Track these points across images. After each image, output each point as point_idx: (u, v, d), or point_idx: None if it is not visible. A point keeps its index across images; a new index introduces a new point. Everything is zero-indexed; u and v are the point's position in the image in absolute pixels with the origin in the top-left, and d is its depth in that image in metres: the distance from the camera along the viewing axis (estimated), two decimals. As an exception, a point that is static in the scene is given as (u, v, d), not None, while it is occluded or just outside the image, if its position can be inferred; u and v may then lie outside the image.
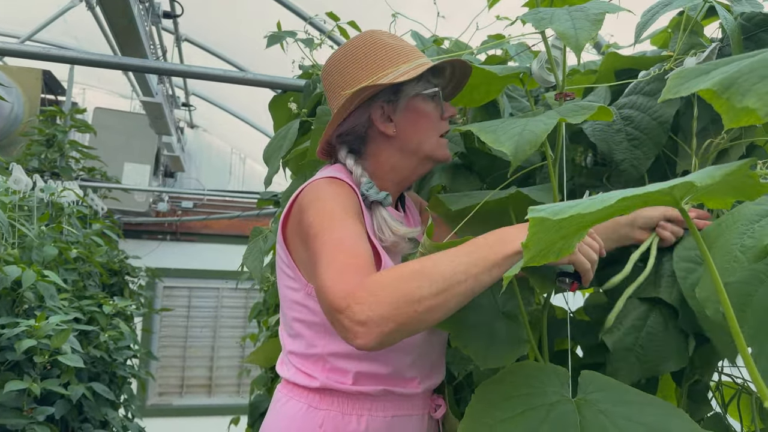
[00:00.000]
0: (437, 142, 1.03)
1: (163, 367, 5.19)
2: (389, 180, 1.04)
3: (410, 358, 0.98)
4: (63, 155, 3.40)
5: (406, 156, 1.03)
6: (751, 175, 0.57)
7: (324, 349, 0.96)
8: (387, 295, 0.70)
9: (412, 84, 1.00)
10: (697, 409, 1.01)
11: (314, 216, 0.88)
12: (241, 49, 4.29)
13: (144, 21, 2.25)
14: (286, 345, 1.05)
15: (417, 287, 0.70)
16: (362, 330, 0.70)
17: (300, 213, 0.94)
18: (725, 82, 0.47)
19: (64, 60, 1.63)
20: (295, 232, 0.96)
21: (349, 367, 0.95)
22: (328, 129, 1.03)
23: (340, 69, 1.02)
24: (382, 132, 1.01)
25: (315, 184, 0.96)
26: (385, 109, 1.01)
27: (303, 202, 0.94)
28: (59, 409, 1.86)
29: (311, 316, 0.97)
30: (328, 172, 1.00)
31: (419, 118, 1.02)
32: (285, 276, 1.01)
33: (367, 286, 0.72)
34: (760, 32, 0.91)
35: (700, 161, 0.94)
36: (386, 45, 1.01)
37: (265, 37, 1.57)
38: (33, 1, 3.86)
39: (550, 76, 1.00)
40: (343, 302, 0.72)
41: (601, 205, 0.48)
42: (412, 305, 0.70)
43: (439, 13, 1.52)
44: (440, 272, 0.72)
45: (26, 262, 2.00)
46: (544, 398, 0.73)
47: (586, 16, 0.86)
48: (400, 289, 0.70)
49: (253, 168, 6.13)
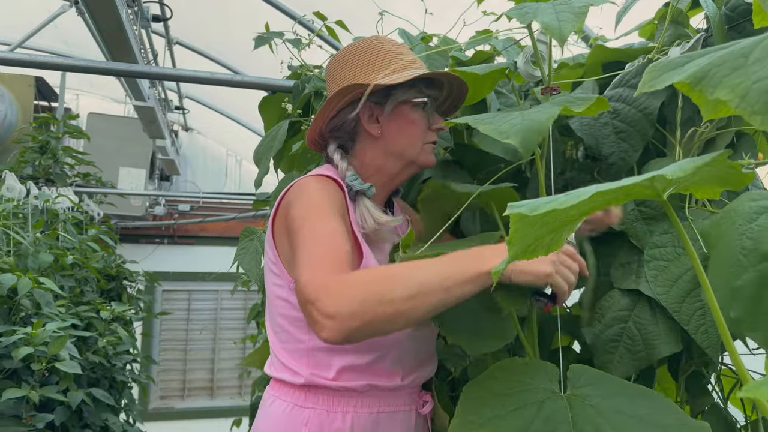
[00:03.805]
0: (422, 149, 1.04)
1: (164, 370, 5.19)
2: (375, 180, 1.06)
3: (392, 352, 0.99)
4: (57, 162, 3.39)
5: (391, 159, 1.05)
6: (733, 166, 0.57)
7: (307, 344, 0.98)
8: (358, 293, 0.73)
9: (403, 90, 1.01)
10: (697, 401, 1.01)
11: (298, 210, 0.91)
12: (233, 51, 4.27)
13: (133, 25, 2.25)
14: (272, 343, 1.06)
15: (389, 289, 0.72)
16: (330, 323, 0.72)
17: (287, 208, 0.96)
18: (698, 74, 0.47)
19: (51, 67, 1.63)
20: (282, 228, 0.98)
21: (332, 362, 0.96)
22: (317, 121, 1.05)
23: (339, 68, 1.05)
24: (369, 132, 1.03)
25: (302, 181, 0.98)
26: (374, 111, 1.03)
27: (290, 198, 0.96)
28: (59, 416, 1.86)
29: (294, 311, 0.98)
30: (316, 170, 1.03)
31: (406, 124, 1.03)
32: (271, 273, 1.03)
33: (341, 281, 0.75)
34: (744, 22, 0.90)
35: (684, 151, 0.94)
36: (387, 51, 1.03)
37: (254, 39, 1.57)
38: (23, 7, 3.85)
39: (536, 70, 1.00)
40: (314, 294, 0.74)
41: (576, 199, 0.48)
42: (382, 306, 0.72)
43: (427, 10, 1.52)
44: (415, 278, 0.74)
45: (22, 270, 1.99)
46: (535, 395, 0.73)
47: (570, 8, 0.87)
48: (372, 289, 0.73)
49: (249, 170, 6.12)
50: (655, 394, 0.74)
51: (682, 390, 1.01)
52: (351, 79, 1.01)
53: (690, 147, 0.95)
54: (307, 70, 1.54)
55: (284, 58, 1.64)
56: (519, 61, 1.02)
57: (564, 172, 1.17)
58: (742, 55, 0.42)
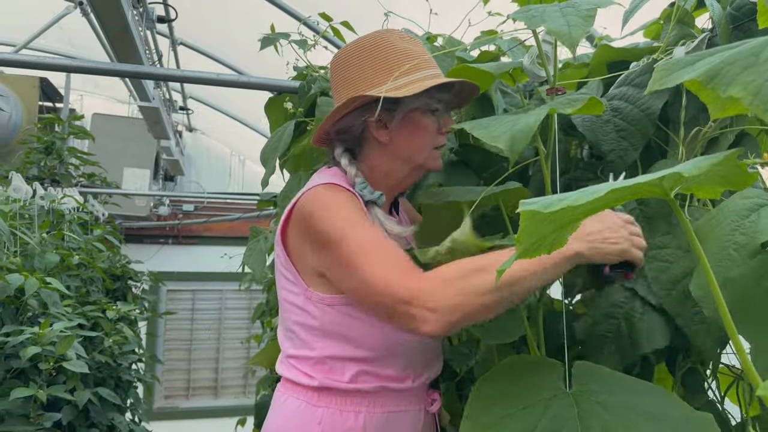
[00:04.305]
0: (430, 154, 1.04)
1: (168, 370, 5.21)
2: (383, 185, 1.05)
3: (404, 356, 1.00)
4: (62, 162, 3.41)
5: (398, 164, 1.04)
6: (740, 165, 0.57)
7: (322, 352, 0.98)
8: (457, 288, 0.76)
9: (414, 96, 0.98)
10: (692, 398, 1.01)
11: (330, 224, 0.90)
12: (237, 52, 4.28)
13: (138, 26, 2.26)
14: (284, 347, 1.06)
15: (485, 281, 0.76)
16: (433, 317, 0.76)
17: (305, 220, 0.94)
18: (710, 72, 0.47)
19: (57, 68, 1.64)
20: (303, 240, 0.96)
21: (345, 368, 0.97)
22: (325, 123, 1.03)
23: (347, 65, 1.02)
24: (376, 138, 1.02)
25: (315, 192, 0.96)
26: (383, 117, 1.01)
27: (306, 209, 0.94)
28: (66, 415, 1.87)
29: (310, 319, 0.98)
30: (325, 177, 1.00)
31: (416, 130, 1.02)
32: (284, 279, 1.02)
33: (434, 279, 0.78)
34: (749, 21, 0.91)
35: (687, 151, 0.95)
36: (396, 49, 0.99)
37: (259, 40, 1.58)
38: (28, 8, 3.86)
39: (542, 71, 1.01)
40: (407, 293, 0.78)
41: (591, 197, 0.49)
42: (479, 297, 0.76)
43: (432, 10, 1.52)
44: (509, 269, 0.75)
45: (29, 270, 2.00)
46: (542, 393, 0.73)
47: (577, 12, 0.86)
48: (470, 283, 0.76)
49: (253, 170, 6.13)
50: (660, 389, 0.74)
51: (678, 386, 1.02)
52: (359, 81, 0.98)
53: (693, 146, 0.95)
54: (313, 70, 1.54)
55: (289, 59, 1.65)
56: (524, 61, 1.03)
57: (568, 171, 1.18)
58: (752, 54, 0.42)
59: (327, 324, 0.97)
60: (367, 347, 0.96)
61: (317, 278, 0.97)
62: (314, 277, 0.97)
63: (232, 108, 5.24)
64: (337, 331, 0.97)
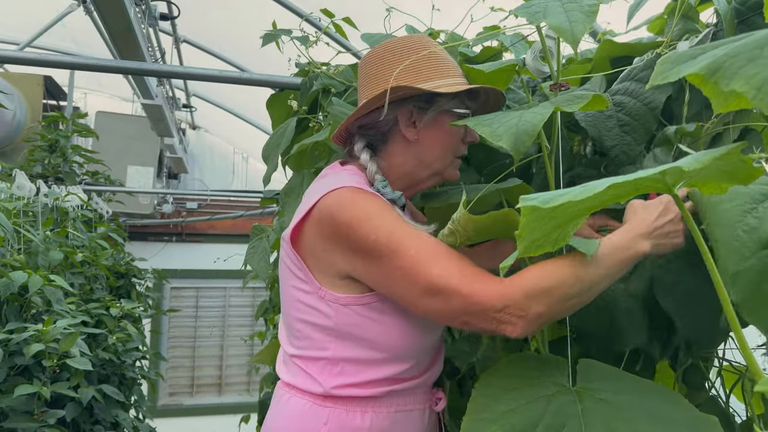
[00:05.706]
0: (451, 162, 1.04)
1: (173, 367, 5.22)
2: (398, 185, 1.04)
3: (415, 360, 0.99)
4: (66, 160, 3.41)
5: (420, 166, 1.02)
6: (744, 159, 0.57)
7: (334, 353, 0.95)
8: (543, 297, 0.78)
9: (447, 99, 0.99)
10: (694, 395, 1.01)
11: (376, 235, 0.87)
12: (240, 49, 4.28)
13: (141, 23, 2.26)
14: (285, 345, 1.04)
15: (568, 286, 0.78)
16: (521, 322, 0.78)
17: (335, 227, 0.90)
18: (712, 66, 0.46)
19: (61, 65, 1.64)
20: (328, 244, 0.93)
21: (359, 374, 0.95)
22: (351, 117, 1.01)
23: (381, 62, 1.01)
24: (404, 135, 1.01)
25: (342, 196, 0.92)
26: (414, 114, 1.00)
27: (338, 217, 0.90)
28: (70, 412, 1.88)
29: (323, 319, 0.95)
30: (346, 178, 0.96)
31: (443, 134, 1.01)
32: (294, 277, 0.99)
33: (521, 284, 0.79)
34: (754, 16, 0.90)
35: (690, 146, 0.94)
36: (432, 53, 1.00)
37: (261, 37, 1.57)
38: (32, 6, 3.87)
39: (545, 66, 1.00)
40: (499, 301, 0.78)
41: (591, 192, 0.48)
42: (564, 302, 0.79)
43: (434, 6, 1.52)
44: (589, 275, 0.78)
45: (32, 268, 2.01)
46: (545, 389, 0.73)
47: (580, 8, 0.85)
48: (555, 292, 0.78)
49: (256, 167, 6.14)
50: (664, 389, 0.74)
51: (680, 382, 1.01)
52: (397, 79, 0.97)
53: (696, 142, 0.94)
54: (315, 67, 1.54)
55: (291, 55, 1.65)
56: (528, 57, 1.02)
57: (572, 168, 1.17)
58: (757, 47, 0.41)
59: (341, 324, 0.94)
60: (381, 349, 0.94)
61: (339, 280, 0.94)
62: (334, 279, 0.94)
63: (236, 105, 5.24)
64: (351, 332, 0.94)
